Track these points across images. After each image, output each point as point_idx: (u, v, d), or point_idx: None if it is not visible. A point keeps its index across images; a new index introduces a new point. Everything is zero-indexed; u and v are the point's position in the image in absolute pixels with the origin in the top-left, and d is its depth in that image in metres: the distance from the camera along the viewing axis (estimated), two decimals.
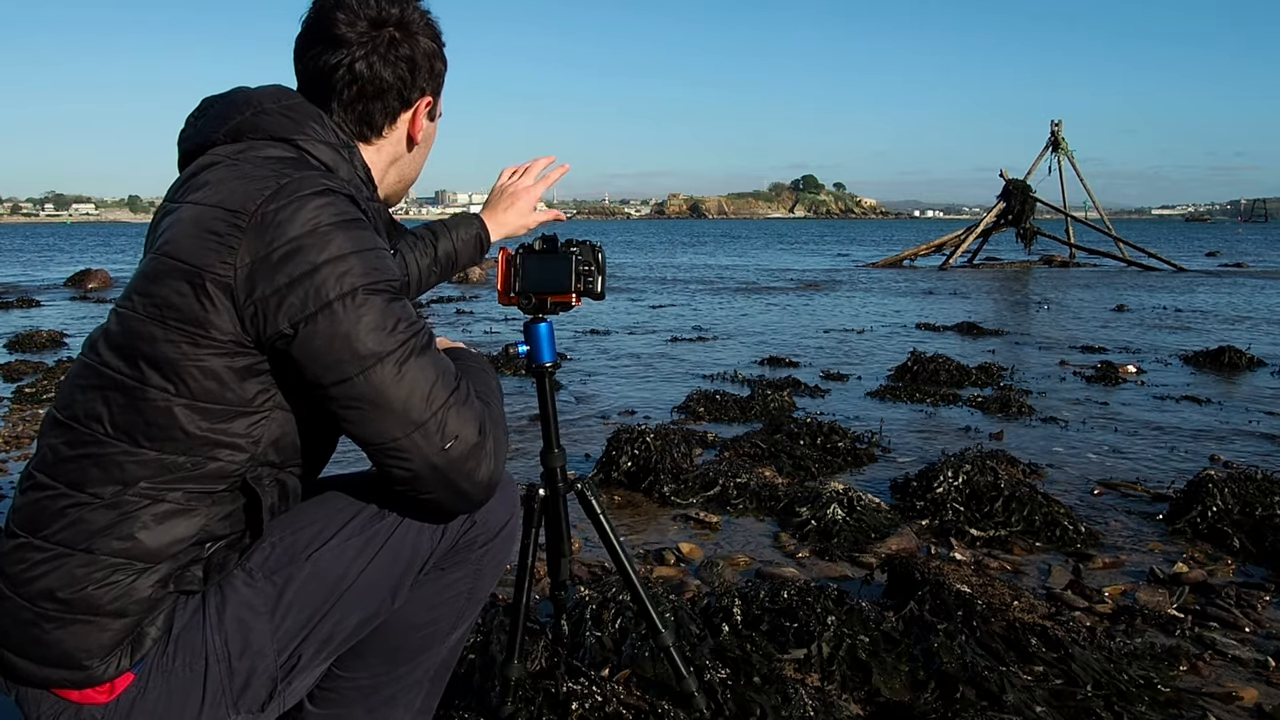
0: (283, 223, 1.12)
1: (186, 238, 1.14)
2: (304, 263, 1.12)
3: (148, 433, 1.14)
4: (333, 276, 1.12)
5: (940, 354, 6.59)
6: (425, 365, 1.18)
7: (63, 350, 8.11)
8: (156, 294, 1.14)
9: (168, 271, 1.14)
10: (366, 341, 1.14)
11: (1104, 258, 22.84)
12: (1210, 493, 3.26)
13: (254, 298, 1.12)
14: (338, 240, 1.14)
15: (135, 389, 1.14)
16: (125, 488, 1.14)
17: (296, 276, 1.12)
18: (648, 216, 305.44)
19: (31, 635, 1.13)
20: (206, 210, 1.15)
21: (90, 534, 1.13)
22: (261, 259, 1.12)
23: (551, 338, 1.76)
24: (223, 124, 1.27)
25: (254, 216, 1.13)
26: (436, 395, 1.18)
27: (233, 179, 1.18)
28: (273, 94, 1.30)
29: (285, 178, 1.16)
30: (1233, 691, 2.10)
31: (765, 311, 11.96)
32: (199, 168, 1.23)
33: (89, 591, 1.12)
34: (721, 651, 2.14)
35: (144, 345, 1.14)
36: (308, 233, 1.13)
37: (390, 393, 1.15)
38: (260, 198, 1.14)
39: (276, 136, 1.25)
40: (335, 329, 1.13)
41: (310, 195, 1.15)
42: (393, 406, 1.15)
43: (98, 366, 1.18)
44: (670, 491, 3.66)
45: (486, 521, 1.38)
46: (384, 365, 1.15)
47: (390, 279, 1.18)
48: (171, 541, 1.16)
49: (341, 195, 1.19)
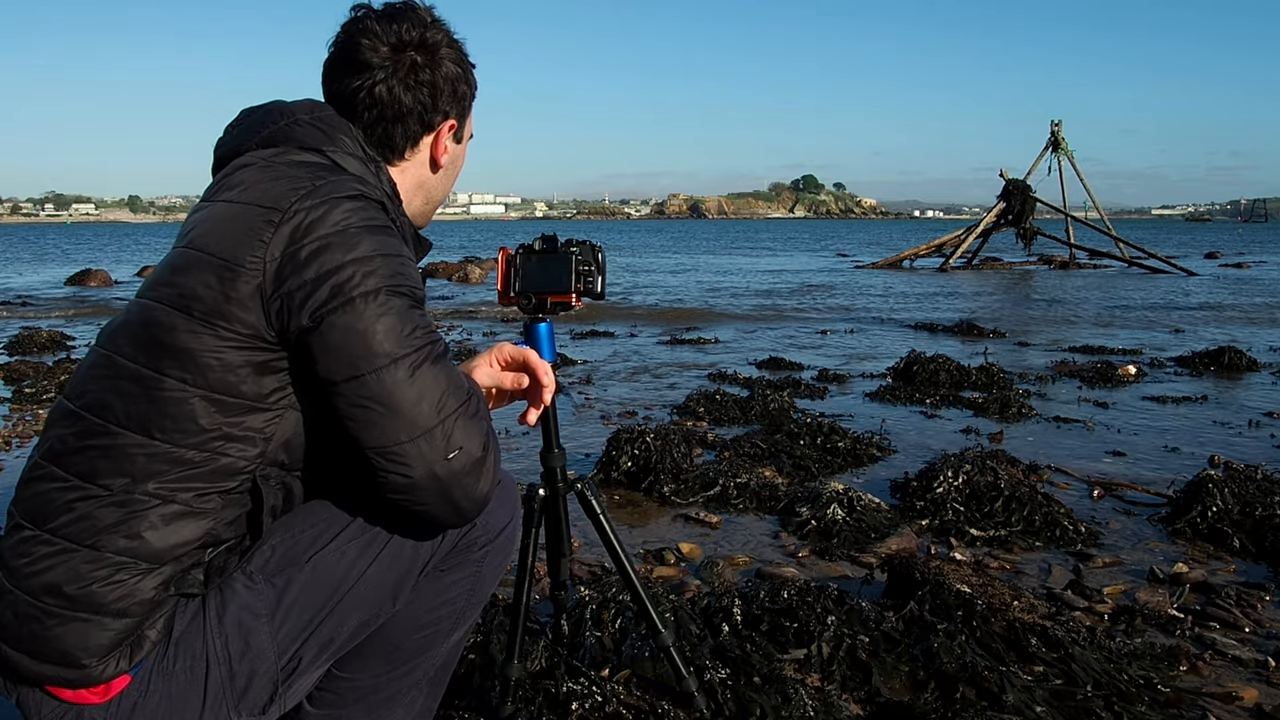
0: (315, 221, 1.15)
1: (218, 232, 1.17)
2: (331, 260, 1.14)
3: (160, 424, 1.15)
4: (358, 274, 1.14)
5: (940, 354, 6.59)
6: (438, 373, 1.19)
7: (62, 351, 8.11)
8: (183, 285, 1.16)
9: (196, 263, 1.16)
10: (383, 341, 1.15)
11: (1105, 258, 22.80)
12: (1210, 493, 3.26)
13: (280, 291, 1.14)
14: (366, 242, 1.16)
15: (151, 379, 1.15)
16: (134, 482, 1.14)
17: (323, 272, 1.14)
18: (648, 216, 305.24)
19: (30, 631, 1.13)
20: (241, 208, 1.18)
21: (97, 530, 1.13)
22: (291, 254, 1.14)
23: (551, 338, 1.75)
24: (257, 132, 1.31)
25: (288, 213, 1.15)
26: (446, 404, 1.18)
27: (267, 179, 1.20)
28: (306, 107, 1.34)
29: (320, 179, 1.20)
30: (1233, 691, 2.10)
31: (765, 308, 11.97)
32: (233, 169, 1.26)
33: (93, 589, 1.12)
34: (721, 651, 2.14)
35: (164, 335, 1.15)
36: (337, 232, 1.15)
37: (400, 395, 1.15)
38: (295, 196, 1.16)
39: (308, 146, 1.28)
40: (354, 324, 1.14)
41: (343, 198, 1.18)
42: (401, 409, 1.15)
43: (114, 356, 1.19)
44: (670, 491, 3.66)
45: (487, 523, 1.38)
46: (397, 367, 1.15)
47: (413, 286, 1.20)
48: (178, 543, 1.16)
49: (373, 201, 1.22)
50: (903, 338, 9.18)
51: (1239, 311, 12.02)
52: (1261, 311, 12.03)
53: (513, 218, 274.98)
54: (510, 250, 1.73)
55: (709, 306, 12.59)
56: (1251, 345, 7.99)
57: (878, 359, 7.65)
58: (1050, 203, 23.11)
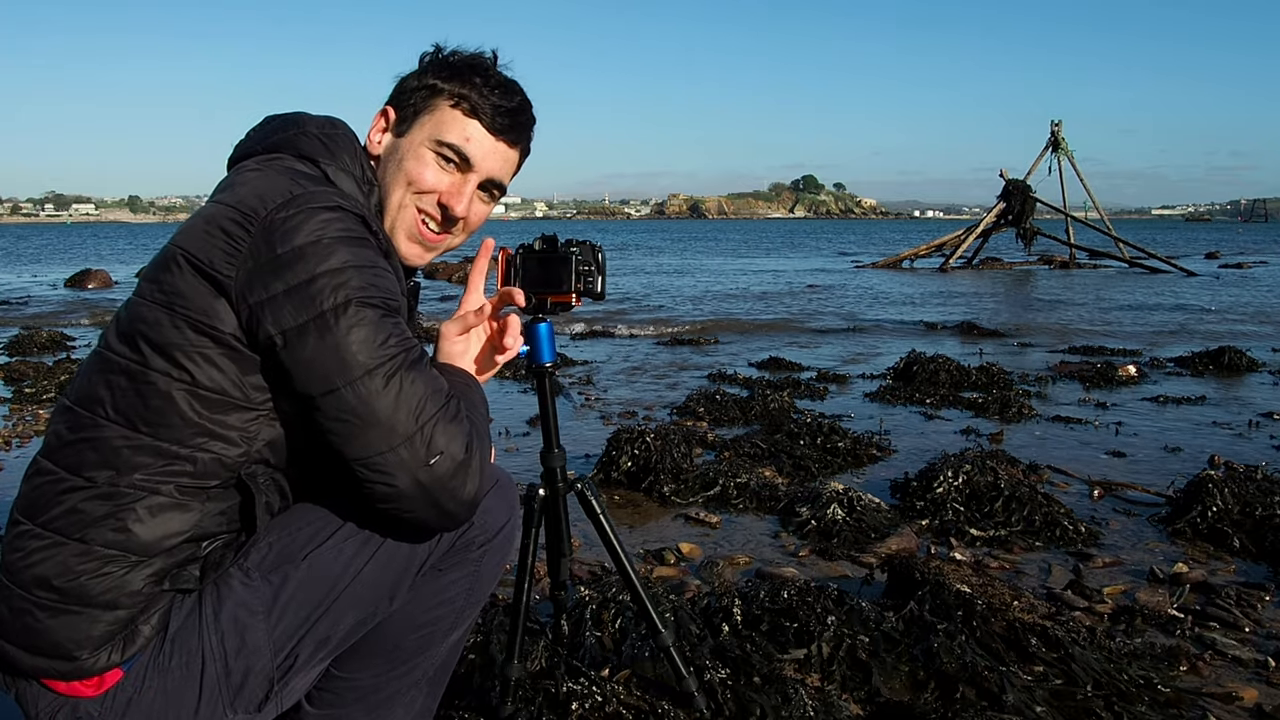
0: (289, 230, 1.15)
1: (200, 232, 1.18)
2: (302, 271, 1.14)
3: (146, 417, 1.16)
4: (328, 288, 1.14)
5: (940, 355, 6.59)
6: (414, 380, 1.18)
7: (62, 351, 8.11)
8: (165, 281, 1.18)
9: (178, 261, 1.18)
10: (356, 353, 1.14)
11: (1105, 258, 22.80)
12: (1210, 493, 3.26)
13: (249, 301, 1.15)
14: (339, 254, 1.16)
15: (139, 372, 1.17)
16: (119, 474, 1.15)
17: (293, 285, 1.14)
18: (648, 216, 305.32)
19: (23, 623, 1.14)
20: (222, 209, 1.19)
21: (85, 524, 1.14)
22: (263, 263, 1.14)
23: (551, 338, 1.75)
24: (267, 138, 1.34)
25: (263, 221, 1.16)
26: (424, 409, 1.17)
27: (253, 182, 1.22)
28: (321, 121, 1.37)
29: (300, 188, 1.20)
30: (1233, 691, 2.10)
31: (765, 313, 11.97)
32: (235, 171, 1.29)
33: (82, 582, 1.14)
34: (721, 651, 2.14)
35: (149, 330, 1.17)
36: (311, 243, 1.15)
37: (376, 405, 1.14)
38: (273, 204, 1.17)
39: (305, 155, 1.31)
40: (324, 339, 1.14)
41: (320, 209, 1.18)
42: (379, 419, 1.15)
43: (105, 353, 1.21)
44: (670, 491, 3.66)
45: (485, 523, 1.38)
46: (372, 378, 1.15)
47: (386, 296, 1.20)
48: (165, 535, 1.17)
49: (351, 214, 1.22)
50: (903, 338, 9.18)
51: (1239, 312, 12.02)
52: (1262, 312, 12.03)
53: (513, 218, 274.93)
54: (510, 250, 1.73)
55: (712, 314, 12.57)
56: (1251, 345, 7.99)
57: (878, 359, 7.65)
58: (1050, 203, 23.11)
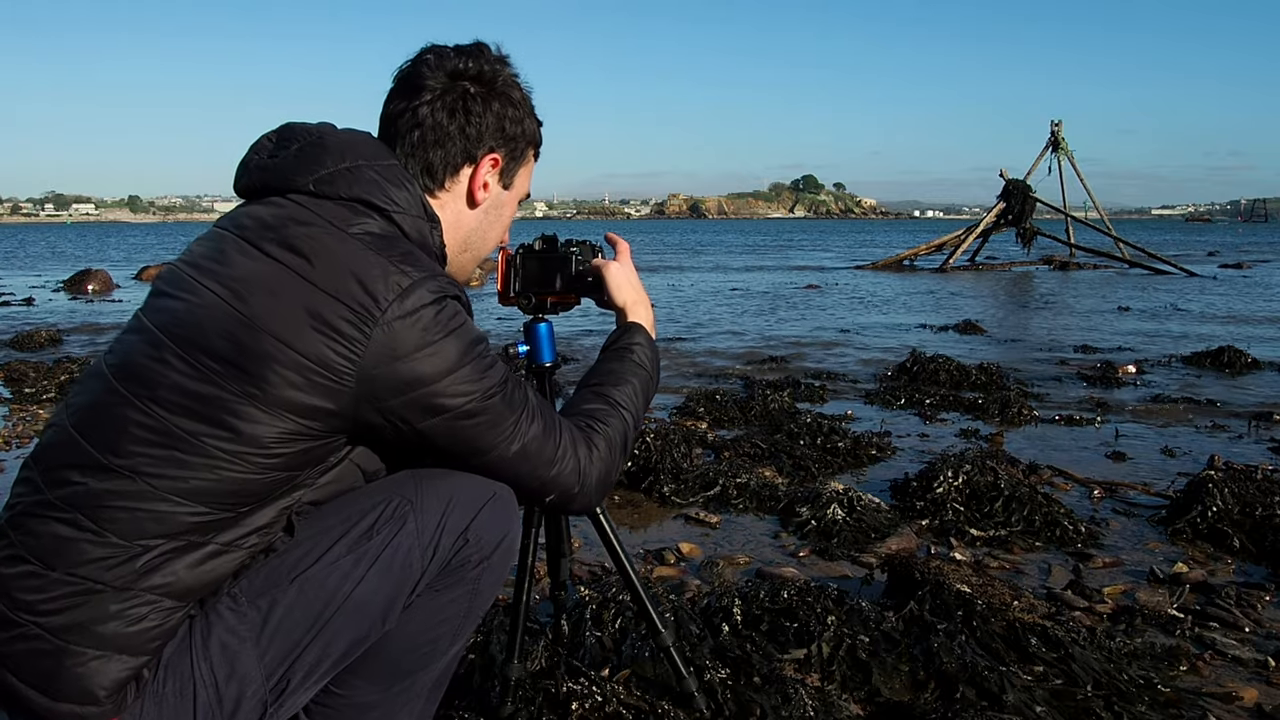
0: (405, 331, 1.17)
1: (295, 322, 1.15)
2: (425, 377, 1.19)
3: (207, 496, 1.14)
4: (447, 392, 1.21)
5: (940, 354, 6.59)
6: (537, 434, 1.31)
7: (62, 350, 8.11)
8: (255, 372, 1.13)
9: (273, 355, 1.14)
10: (486, 438, 1.27)
11: (1105, 258, 22.79)
12: (1210, 493, 3.26)
13: (373, 405, 1.19)
14: (453, 351, 1.21)
15: (200, 446, 1.14)
16: (168, 541, 1.14)
17: (417, 394, 1.20)
18: (648, 216, 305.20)
19: (46, 668, 1.10)
20: (323, 297, 1.16)
21: (128, 575, 1.12)
22: (384, 370, 1.17)
23: (552, 338, 1.75)
24: (312, 169, 1.26)
25: (380, 324, 1.16)
26: (565, 448, 1.33)
27: (339, 255, 1.18)
28: (370, 149, 1.32)
29: (398, 271, 1.19)
30: (1233, 691, 2.10)
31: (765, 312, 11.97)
32: (289, 219, 1.22)
33: (120, 629, 1.12)
34: (721, 651, 2.14)
35: (228, 417, 1.14)
36: (428, 344, 1.19)
37: (518, 464, 1.31)
38: (384, 299, 1.17)
39: (374, 205, 1.26)
40: (455, 434, 1.25)
41: (430, 304, 1.20)
42: (519, 471, 1.32)
43: (162, 420, 1.14)
44: (670, 491, 3.66)
45: (480, 539, 1.33)
46: (510, 444, 1.29)
47: (501, 377, 1.27)
48: (212, 581, 1.18)
49: (450, 298, 1.23)
50: (903, 338, 9.18)
51: (1239, 312, 12.02)
52: (1262, 312, 12.03)
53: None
54: (510, 250, 1.73)
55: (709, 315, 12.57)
56: (1251, 345, 7.99)
57: (878, 359, 7.65)
58: (1050, 203, 23.11)
